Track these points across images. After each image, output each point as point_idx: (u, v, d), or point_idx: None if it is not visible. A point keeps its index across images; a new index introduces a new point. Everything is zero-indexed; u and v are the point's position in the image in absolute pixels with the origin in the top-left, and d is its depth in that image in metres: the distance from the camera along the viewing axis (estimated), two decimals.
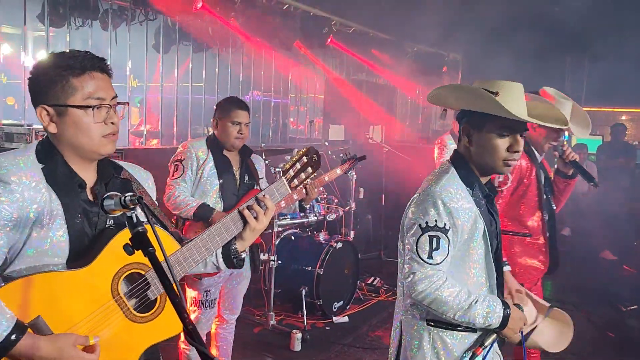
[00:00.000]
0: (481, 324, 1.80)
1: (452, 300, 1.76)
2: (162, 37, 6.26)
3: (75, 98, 1.47)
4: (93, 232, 1.53)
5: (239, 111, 3.14)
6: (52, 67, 1.48)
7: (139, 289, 1.55)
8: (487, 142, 1.86)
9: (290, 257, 4.86)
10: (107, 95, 1.51)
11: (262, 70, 7.59)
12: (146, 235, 1.24)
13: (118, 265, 1.51)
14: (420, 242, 1.79)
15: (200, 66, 6.97)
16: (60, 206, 1.46)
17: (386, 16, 7.18)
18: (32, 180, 1.43)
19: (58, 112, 1.48)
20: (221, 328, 3.35)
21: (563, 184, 3.07)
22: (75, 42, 5.88)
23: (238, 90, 7.36)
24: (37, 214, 1.42)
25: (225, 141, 3.14)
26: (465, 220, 1.83)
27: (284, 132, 8.38)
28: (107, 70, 1.55)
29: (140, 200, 1.26)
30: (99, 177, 1.59)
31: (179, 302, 1.13)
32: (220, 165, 3.13)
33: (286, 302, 4.92)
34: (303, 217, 4.96)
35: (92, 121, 1.48)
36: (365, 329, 4.72)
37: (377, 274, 5.91)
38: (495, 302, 1.83)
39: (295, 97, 8.64)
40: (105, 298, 1.49)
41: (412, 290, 1.79)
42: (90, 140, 1.49)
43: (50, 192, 1.46)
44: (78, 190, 1.52)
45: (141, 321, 1.55)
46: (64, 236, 1.46)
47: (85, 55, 1.51)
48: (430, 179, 1.94)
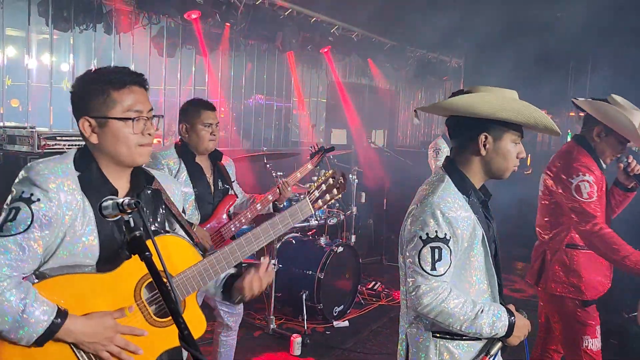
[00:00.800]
0: (488, 333, 1.81)
1: (459, 312, 1.77)
2: (165, 40, 6.29)
3: (116, 110, 1.56)
4: (122, 239, 1.60)
5: (208, 112, 3.03)
6: (94, 81, 1.58)
7: (159, 295, 1.62)
8: (505, 150, 1.89)
9: (291, 261, 4.86)
10: (144, 108, 1.60)
11: (264, 74, 7.62)
12: (142, 239, 1.25)
13: (142, 272, 1.59)
14: (422, 254, 1.79)
15: (203, 70, 7.00)
16: (92, 212, 1.55)
17: (388, 21, 7.20)
18: (69, 187, 1.53)
19: (99, 124, 1.57)
20: (224, 335, 3.31)
21: (622, 196, 2.98)
22: (79, 45, 5.92)
23: (241, 94, 7.39)
24: (72, 219, 1.52)
25: (198, 145, 3.02)
26: (465, 228, 1.83)
27: (286, 136, 8.40)
28: (145, 85, 1.64)
29: (137, 205, 1.27)
30: (132, 187, 1.68)
31: (175, 307, 1.14)
32: (193, 174, 3.01)
33: (286, 306, 4.92)
34: (304, 221, 4.97)
35: (130, 132, 1.58)
36: (366, 333, 4.71)
37: (378, 279, 5.91)
38: (500, 310, 1.84)
39: (298, 101, 8.67)
40: (128, 302, 1.58)
41: (417, 304, 1.79)
42: (128, 150, 1.59)
43: (84, 198, 1.55)
44: None
45: (160, 325, 1.63)
46: (95, 240, 1.55)
47: (125, 71, 1.60)
48: (425, 188, 1.94)
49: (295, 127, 8.78)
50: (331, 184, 1.97)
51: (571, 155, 2.83)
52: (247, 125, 7.55)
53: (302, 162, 6.28)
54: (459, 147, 1.96)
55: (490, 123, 1.87)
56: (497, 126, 1.87)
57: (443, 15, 6.35)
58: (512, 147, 1.89)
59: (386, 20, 7.17)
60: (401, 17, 6.73)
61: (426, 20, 6.63)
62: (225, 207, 3.15)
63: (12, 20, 5.36)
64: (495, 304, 1.88)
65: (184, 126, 3.05)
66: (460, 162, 1.95)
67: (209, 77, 6.98)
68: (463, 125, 1.92)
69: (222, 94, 7.07)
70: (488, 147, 1.89)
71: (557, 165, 2.87)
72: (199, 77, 6.90)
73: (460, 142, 1.95)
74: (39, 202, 1.46)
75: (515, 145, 1.90)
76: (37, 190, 1.47)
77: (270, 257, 4.48)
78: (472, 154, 1.92)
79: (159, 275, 1.22)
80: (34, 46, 7.22)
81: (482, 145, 1.89)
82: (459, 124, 1.95)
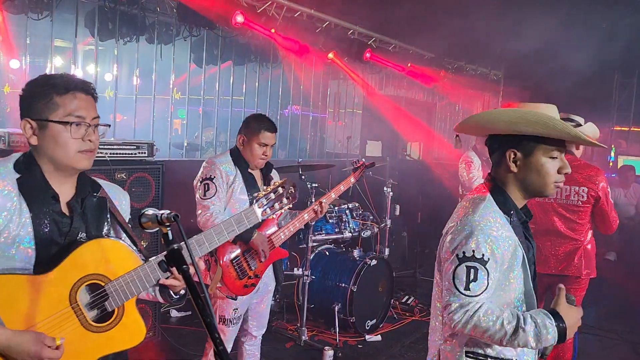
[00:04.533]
0: (535, 346, 1.72)
1: (493, 326, 1.70)
2: (204, 51, 6.42)
3: (57, 114, 1.58)
4: (63, 242, 1.61)
5: (267, 133, 3.09)
6: (41, 85, 1.61)
7: (97, 299, 1.62)
8: (539, 167, 1.82)
9: (324, 273, 4.85)
10: (87, 115, 1.61)
11: (301, 85, 7.67)
12: (181, 252, 1.26)
13: (79, 275, 1.58)
14: (458, 272, 1.75)
15: (241, 80, 7.10)
16: (29, 215, 1.55)
17: (426, 33, 7.16)
18: (4, 188, 1.54)
19: (40, 126, 1.59)
20: (249, 344, 3.33)
21: None
22: (123, 56, 6.09)
23: (277, 104, 7.45)
24: (6, 221, 1.52)
25: (250, 160, 3.11)
26: (505, 248, 1.78)
27: (322, 147, 8.42)
28: (91, 92, 1.65)
29: (176, 219, 1.29)
30: (77, 192, 1.68)
31: (211, 322, 1.14)
32: (247, 183, 3.09)
33: (319, 317, 4.90)
34: (338, 233, 4.95)
35: (69, 137, 1.59)
36: (398, 348, 4.64)
37: (412, 293, 5.82)
38: (547, 321, 1.71)
39: (334, 112, 8.68)
40: (62, 304, 1.56)
41: (451, 321, 1.75)
42: (66, 154, 1.60)
43: (21, 201, 1.55)
44: (51, 202, 1.61)
45: (96, 330, 1.61)
46: (31, 243, 1.55)
47: (72, 78, 1.63)
48: (466, 206, 1.88)
49: (330, 138, 8.79)
50: (280, 193, 1.96)
51: None
52: (283, 136, 7.59)
53: (334, 173, 6.28)
54: (495, 165, 1.92)
55: (517, 139, 1.82)
56: (526, 141, 1.81)
57: (483, 26, 6.27)
58: (546, 162, 1.81)
59: (424, 32, 7.12)
60: (440, 29, 6.67)
61: (464, 31, 6.56)
62: (275, 216, 3.22)
63: (60, 32, 5.56)
64: (542, 313, 1.75)
65: (242, 138, 3.12)
66: (499, 180, 1.90)
67: (246, 88, 7.07)
68: (494, 142, 1.90)
69: (258, 104, 7.15)
70: (519, 164, 1.84)
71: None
72: (237, 87, 7.01)
73: (495, 160, 1.92)
74: None
75: (553, 160, 1.82)
76: None
77: (302, 268, 4.48)
78: (505, 172, 1.87)
79: (196, 288, 1.23)
80: (80, 57, 7.47)
81: (511, 162, 1.84)
82: (490, 141, 1.92)
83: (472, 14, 5.99)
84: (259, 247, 3.00)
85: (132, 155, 3.92)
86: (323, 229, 4.89)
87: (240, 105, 7.14)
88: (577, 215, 3.51)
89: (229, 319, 3.07)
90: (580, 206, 3.48)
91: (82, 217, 1.66)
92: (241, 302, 3.09)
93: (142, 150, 3.99)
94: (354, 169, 3.87)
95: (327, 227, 4.92)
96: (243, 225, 1.94)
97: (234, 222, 1.94)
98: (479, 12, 5.96)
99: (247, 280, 3.06)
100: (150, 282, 1.64)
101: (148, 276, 1.63)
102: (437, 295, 1.93)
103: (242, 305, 3.12)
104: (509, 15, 6.15)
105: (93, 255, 1.60)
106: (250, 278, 3.07)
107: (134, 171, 3.90)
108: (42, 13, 4.93)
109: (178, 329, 4.62)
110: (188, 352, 4.13)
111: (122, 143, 3.92)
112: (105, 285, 1.61)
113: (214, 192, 2.97)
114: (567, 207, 3.52)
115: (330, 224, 4.94)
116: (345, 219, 4.99)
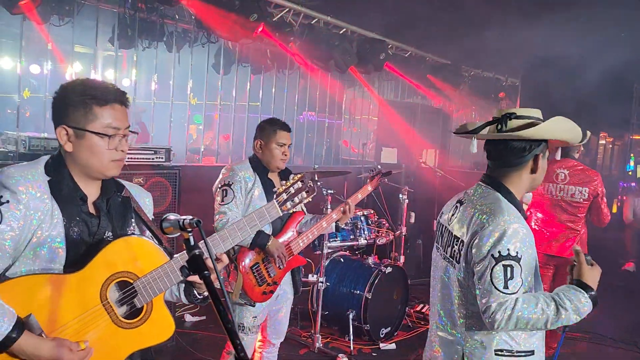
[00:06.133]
0: (577, 319, 1.80)
1: (535, 314, 1.76)
2: (222, 58, 6.47)
3: (95, 125, 1.62)
4: (91, 241, 1.65)
5: (283, 132, 3.12)
6: (80, 93, 1.63)
7: (126, 296, 1.65)
8: (544, 166, 1.99)
9: (339, 280, 4.83)
10: (122, 125, 1.67)
11: (317, 92, 7.69)
12: (202, 258, 1.27)
13: (108, 273, 1.62)
14: (495, 272, 1.78)
15: (258, 87, 7.14)
16: (61, 216, 1.60)
17: (442, 40, 7.14)
18: (37, 191, 1.58)
19: (77, 134, 1.63)
20: (266, 351, 3.33)
21: None
22: (141, 62, 6.17)
23: (293, 111, 7.48)
24: (39, 222, 1.56)
25: (270, 163, 3.11)
26: (532, 243, 1.86)
27: (337, 154, 8.42)
28: (126, 103, 1.70)
29: (198, 224, 1.29)
30: (102, 193, 1.73)
31: (232, 327, 1.14)
32: (267, 189, 3.10)
33: (333, 324, 4.88)
34: (353, 240, 4.94)
35: (105, 147, 1.64)
36: (413, 357, 4.60)
37: (427, 301, 5.77)
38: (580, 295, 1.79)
39: (349, 119, 8.69)
40: (93, 302, 1.60)
41: (494, 322, 1.77)
42: (100, 163, 1.65)
43: (53, 202, 1.59)
44: (80, 203, 1.66)
45: (127, 327, 1.64)
46: (62, 243, 1.59)
47: (110, 88, 1.66)
48: (489, 208, 1.91)
49: (345, 144, 8.79)
50: (299, 187, 1.99)
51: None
52: (298, 142, 7.62)
53: (349, 179, 6.27)
54: (511, 167, 1.97)
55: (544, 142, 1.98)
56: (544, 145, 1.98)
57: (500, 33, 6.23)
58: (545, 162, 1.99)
59: (441, 39, 7.10)
60: (456, 36, 6.65)
61: (481, 39, 6.53)
62: (294, 223, 3.23)
63: (80, 38, 5.65)
64: (572, 289, 1.81)
65: (259, 142, 3.14)
66: (506, 180, 1.98)
67: (263, 94, 7.11)
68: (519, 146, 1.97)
69: (274, 110, 7.18)
70: (539, 165, 1.99)
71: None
72: (253, 93, 7.05)
73: (517, 163, 1.97)
74: (8, 203, 1.52)
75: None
76: (7, 193, 1.53)
77: (317, 275, 4.47)
78: (523, 174, 1.97)
79: (217, 295, 1.23)
80: (99, 62, 7.59)
81: (534, 163, 1.96)
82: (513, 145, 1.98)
83: (490, 21, 5.97)
84: (274, 253, 3.01)
85: (150, 160, 3.96)
86: (338, 235, 4.88)
87: (256, 111, 7.19)
88: (577, 209, 4.34)
89: (248, 327, 3.07)
90: (582, 202, 4.31)
91: (108, 217, 1.70)
92: (260, 310, 3.09)
93: (159, 155, 4.03)
94: (371, 177, 3.87)
95: (342, 234, 4.91)
96: (265, 220, 1.97)
97: (256, 217, 1.97)
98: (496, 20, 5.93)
99: (266, 287, 3.06)
100: (177, 278, 1.67)
101: (175, 272, 1.66)
102: (461, 298, 1.93)
103: (261, 314, 3.11)
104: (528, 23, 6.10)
105: (121, 253, 1.64)
106: (269, 285, 3.08)
107: (152, 176, 3.94)
108: (64, 20, 5.02)
109: (192, 333, 4.64)
110: (203, 357, 4.14)
111: (140, 148, 3.97)
112: (133, 282, 1.65)
113: (232, 197, 2.98)
114: (570, 203, 4.34)
115: (345, 231, 4.93)
116: (360, 225, 4.98)
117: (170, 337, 1.71)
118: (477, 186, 2.05)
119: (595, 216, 4.36)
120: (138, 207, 1.82)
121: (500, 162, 1.99)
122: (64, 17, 5.04)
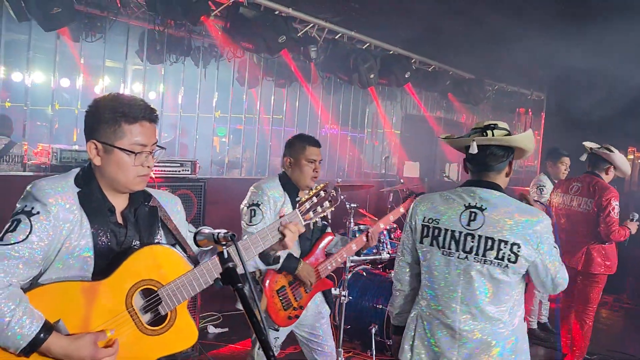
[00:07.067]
0: None
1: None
2: (247, 72, 6.57)
3: (123, 142, 1.68)
4: (119, 250, 1.70)
5: (313, 148, 3.02)
6: (110, 110, 1.68)
7: (151, 304, 1.69)
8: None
9: (361, 294, 4.81)
10: (149, 142, 1.71)
11: (340, 105, 7.73)
12: (236, 271, 1.29)
13: (133, 280, 1.67)
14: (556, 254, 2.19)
15: (282, 100, 7.22)
16: (89, 226, 1.65)
17: (466, 54, 7.13)
18: (66, 202, 1.63)
19: (105, 150, 1.69)
20: None
21: None
22: (169, 76, 6.30)
23: (316, 124, 7.53)
24: (68, 232, 1.62)
25: (300, 180, 3.00)
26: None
27: (359, 167, 8.43)
28: (155, 120, 1.75)
29: (232, 238, 1.32)
30: (130, 203, 1.78)
31: (265, 339, 1.16)
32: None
33: (355, 339, 4.85)
34: (375, 254, 4.93)
35: (132, 163, 1.69)
36: None
37: None
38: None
39: (372, 132, 8.71)
40: (119, 309, 1.64)
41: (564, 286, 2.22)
42: (126, 178, 1.70)
43: (82, 213, 1.65)
44: (108, 214, 1.71)
45: (151, 334, 1.68)
46: (90, 252, 1.64)
47: (141, 105, 1.71)
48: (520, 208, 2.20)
49: (368, 158, 8.80)
50: (322, 196, 1.98)
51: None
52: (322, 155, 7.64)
53: (370, 192, 6.26)
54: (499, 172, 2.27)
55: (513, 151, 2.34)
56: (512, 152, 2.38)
57: (525, 47, 6.21)
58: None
59: (464, 54, 7.09)
60: (480, 50, 6.64)
61: (506, 53, 6.50)
62: (323, 245, 3.16)
63: (110, 53, 5.81)
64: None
65: (289, 160, 3.04)
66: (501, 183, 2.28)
67: (287, 107, 7.18)
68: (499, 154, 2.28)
69: (297, 123, 7.24)
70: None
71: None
72: (277, 106, 7.13)
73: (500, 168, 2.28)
74: (38, 215, 1.57)
75: None
76: (38, 205, 1.59)
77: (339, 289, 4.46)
78: (506, 176, 2.30)
79: (251, 308, 1.25)
80: (129, 76, 7.76)
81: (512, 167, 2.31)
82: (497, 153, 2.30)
83: (514, 35, 5.95)
84: (306, 278, 2.96)
85: (176, 172, 4.02)
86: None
87: (280, 124, 7.25)
88: (583, 221, 4.43)
89: None
90: (587, 213, 4.42)
91: (135, 226, 1.76)
92: (282, 330, 3.03)
93: (185, 167, 4.10)
94: (404, 199, 3.78)
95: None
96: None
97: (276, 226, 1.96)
98: (521, 34, 5.91)
99: (292, 311, 3.00)
100: (200, 286, 1.70)
101: (198, 280, 1.70)
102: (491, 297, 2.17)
103: (282, 334, 3.05)
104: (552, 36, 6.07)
105: (146, 261, 1.68)
106: (295, 309, 3.01)
107: (177, 188, 4.00)
108: (96, 36, 5.17)
109: (215, 345, 4.66)
110: None
111: (166, 160, 4.04)
112: (158, 290, 1.69)
113: (260, 219, 2.89)
114: (578, 213, 4.51)
115: None
116: (383, 239, 4.97)
117: (193, 344, 1.76)
118: (479, 190, 2.25)
119: (603, 230, 4.35)
120: (165, 216, 1.86)
121: (484, 166, 2.27)
122: (96, 33, 5.19)
